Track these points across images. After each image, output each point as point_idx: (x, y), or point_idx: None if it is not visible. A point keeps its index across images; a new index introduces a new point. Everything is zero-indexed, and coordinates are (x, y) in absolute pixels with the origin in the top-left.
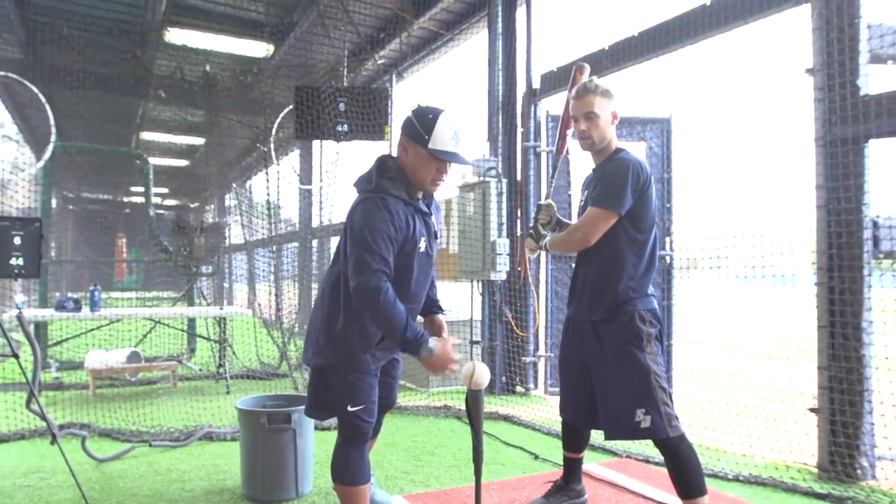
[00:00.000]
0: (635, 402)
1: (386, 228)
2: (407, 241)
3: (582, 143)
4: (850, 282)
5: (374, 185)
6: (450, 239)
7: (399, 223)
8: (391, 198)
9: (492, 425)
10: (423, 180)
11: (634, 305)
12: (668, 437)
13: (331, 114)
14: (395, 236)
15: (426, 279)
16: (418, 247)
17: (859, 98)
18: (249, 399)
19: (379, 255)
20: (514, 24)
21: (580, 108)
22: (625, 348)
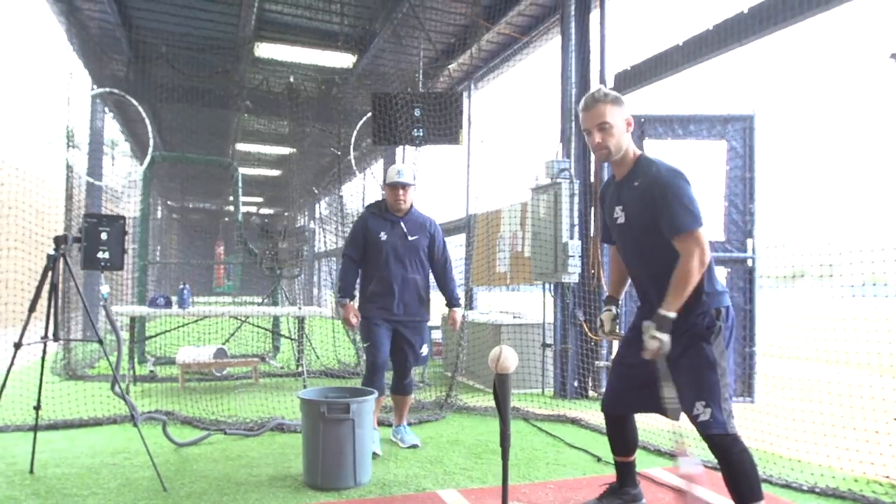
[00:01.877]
0: (697, 394)
1: (353, 230)
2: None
3: (599, 154)
4: None
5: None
6: (525, 242)
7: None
8: (368, 214)
9: (558, 428)
10: (389, 203)
11: (708, 304)
12: (725, 432)
13: (407, 120)
14: (357, 235)
15: (397, 256)
16: (380, 236)
17: None
18: (312, 390)
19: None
20: (588, 26)
21: (592, 119)
22: (693, 342)
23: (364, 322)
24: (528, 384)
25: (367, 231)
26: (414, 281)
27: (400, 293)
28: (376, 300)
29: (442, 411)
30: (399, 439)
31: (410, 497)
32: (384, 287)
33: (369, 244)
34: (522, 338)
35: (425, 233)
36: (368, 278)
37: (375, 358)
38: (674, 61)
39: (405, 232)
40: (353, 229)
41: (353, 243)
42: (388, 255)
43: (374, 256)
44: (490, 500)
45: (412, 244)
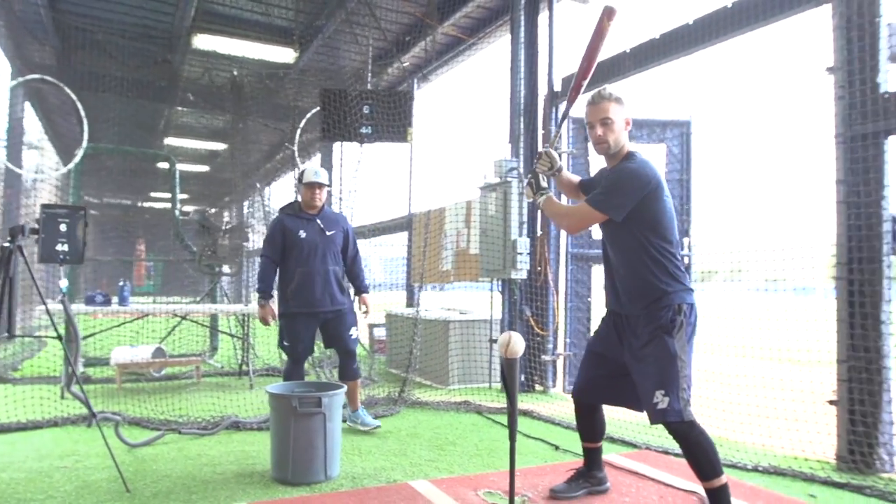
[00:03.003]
0: (657, 384)
1: (270, 231)
2: (291, 234)
3: (598, 147)
4: (870, 274)
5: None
6: (470, 239)
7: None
8: (283, 216)
9: None
10: (306, 201)
11: (673, 299)
12: (681, 420)
13: (356, 116)
14: (275, 236)
15: (317, 251)
16: (299, 234)
17: (879, 95)
18: (278, 385)
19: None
20: (536, 29)
21: (596, 114)
22: (656, 334)
23: (284, 319)
24: (475, 379)
25: (284, 230)
26: (334, 272)
27: (323, 285)
28: (299, 296)
29: (396, 406)
30: (360, 423)
31: (383, 489)
32: (307, 281)
33: (288, 243)
34: (470, 334)
35: (339, 228)
36: (289, 276)
37: (294, 350)
38: (621, 67)
39: (322, 227)
40: (269, 230)
41: (271, 243)
42: (309, 251)
43: (295, 254)
44: (462, 488)
45: (330, 238)
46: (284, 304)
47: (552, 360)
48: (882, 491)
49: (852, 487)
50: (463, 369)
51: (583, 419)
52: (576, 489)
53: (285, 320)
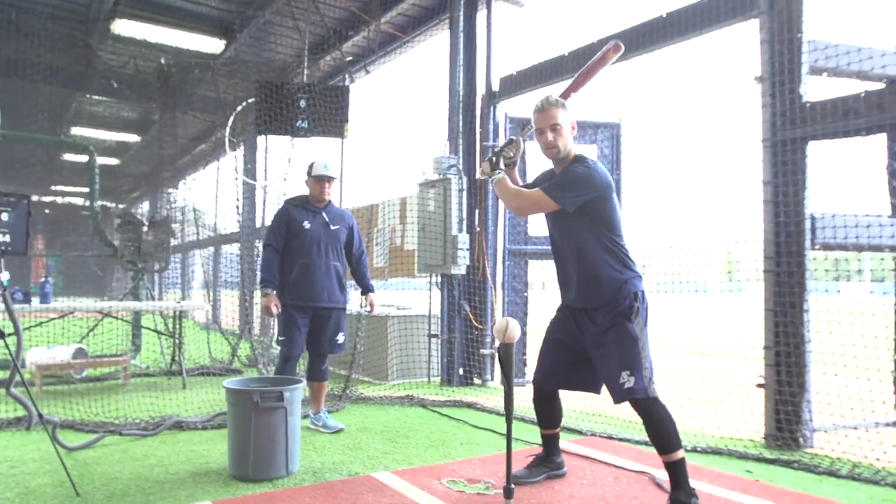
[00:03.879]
0: (622, 366)
1: (274, 221)
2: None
3: (548, 152)
4: (794, 267)
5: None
6: (405, 236)
7: (286, 217)
8: (289, 206)
9: (457, 412)
10: (314, 195)
11: (629, 287)
12: (647, 396)
13: (292, 110)
14: (280, 225)
15: (320, 244)
16: (303, 225)
17: (801, 104)
18: (234, 381)
19: (268, 235)
20: (475, 29)
21: (546, 120)
22: (616, 320)
23: (283, 313)
24: (414, 374)
25: (289, 220)
26: (336, 268)
27: (322, 280)
28: (298, 288)
29: (341, 402)
30: (321, 426)
31: (348, 482)
32: (307, 274)
33: (291, 233)
34: (408, 329)
35: (345, 224)
36: (289, 267)
37: (290, 351)
38: (559, 70)
39: (327, 221)
40: (274, 220)
41: (275, 233)
42: (311, 243)
43: (297, 245)
44: (425, 478)
45: (334, 233)
46: (281, 296)
47: (490, 354)
48: (808, 465)
49: (782, 462)
50: (402, 364)
51: (542, 406)
52: (536, 474)
53: (283, 314)
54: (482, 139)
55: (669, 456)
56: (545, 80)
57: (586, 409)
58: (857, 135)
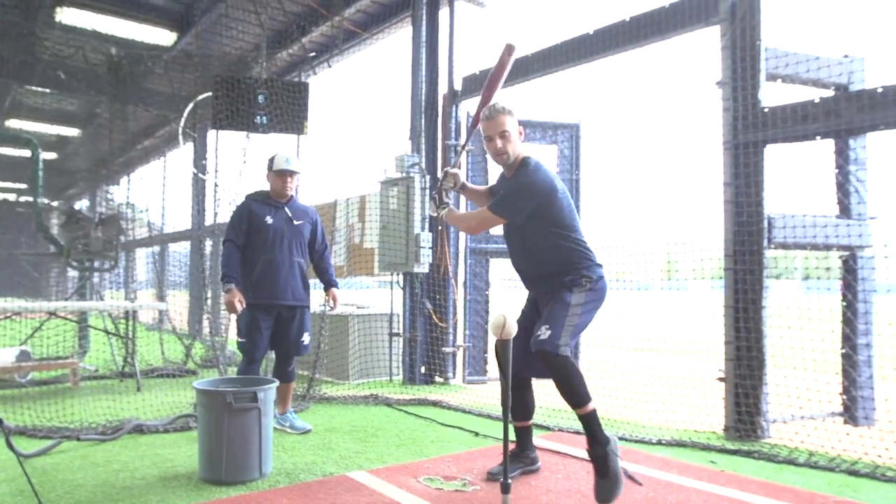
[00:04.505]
0: (544, 322)
1: (234, 217)
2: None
3: (498, 158)
4: (753, 265)
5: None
6: (365, 234)
7: (247, 212)
8: (251, 201)
9: (424, 410)
10: (276, 190)
11: (582, 272)
12: (555, 352)
13: (250, 105)
14: (241, 220)
15: (283, 240)
16: (266, 220)
17: (759, 109)
18: (203, 382)
19: (228, 231)
20: (437, 28)
21: (495, 127)
22: (559, 291)
23: (245, 313)
24: (376, 373)
25: (251, 215)
26: (300, 265)
27: (287, 277)
28: (261, 286)
29: (305, 402)
30: (288, 426)
31: (324, 482)
32: (271, 271)
33: (253, 229)
34: (370, 328)
35: (309, 219)
36: (252, 264)
37: (252, 354)
38: (523, 70)
39: (290, 216)
40: (235, 215)
41: (236, 228)
42: (275, 239)
43: (259, 241)
44: (401, 476)
45: (297, 228)
46: (244, 294)
47: (452, 352)
48: (768, 454)
49: (743, 453)
50: (363, 364)
51: (515, 396)
52: (511, 470)
53: (244, 315)
54: (444, 138)
55: (581, 409)
56: (508, 81)
57: (552, 405)
58: (812, 139)
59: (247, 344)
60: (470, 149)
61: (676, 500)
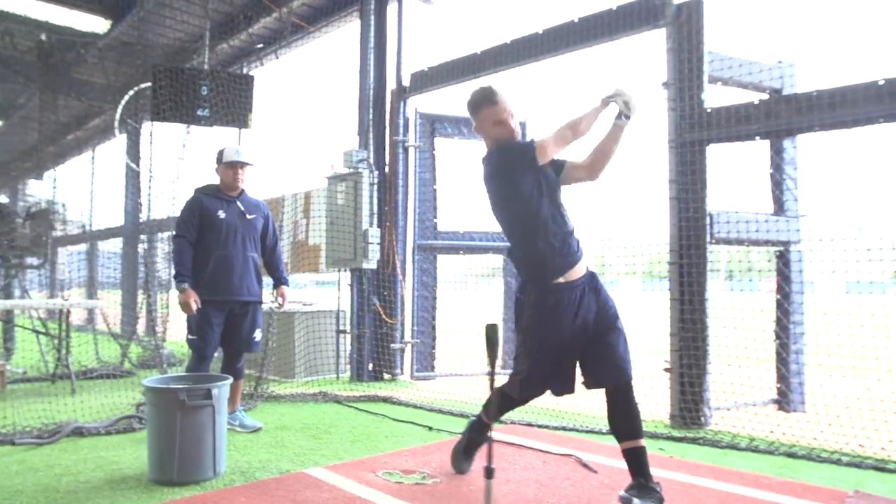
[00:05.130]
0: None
1: (185, 212)
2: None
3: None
4: (697, 259)
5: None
6: (310, 231)
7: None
8: (201, 195)
9: (375, 406)
10: (226, 183)
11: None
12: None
13: (192, 97)
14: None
15: (237, 235)
16: (218, 214)
17: (703, 110)
18: (153, 379)
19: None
20: (386, 23)
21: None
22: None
23: (196, 310)
24: (322, 370)
25: (202, 210)
26: (253, 260)
27: (241, 272)
28: (215, 282)
29: (253, 401)
30: (238, 425)
31: (282, 480)
32: (225, 266)
33: (206, 224)
34: (316, 325)
35: (261, 213)
36: (204, 260)
37: (204, 351)
38: (472, 68)
39: (242, 210)
40: (185, 209)
41: (188, 223)
42: (228, 234)
43: (212, 236)
44: (360, 472)
45: (251, 223)
46: (196, 290)
47: (401, 349)
48: (712, 440)
49: (689, 440)
50: (309, 361)
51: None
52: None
53: (197, 312)
54: (392, 134)
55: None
56: (457, 78)
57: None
58: (752, 139)
59: (198, 341)
60: (418, 145)
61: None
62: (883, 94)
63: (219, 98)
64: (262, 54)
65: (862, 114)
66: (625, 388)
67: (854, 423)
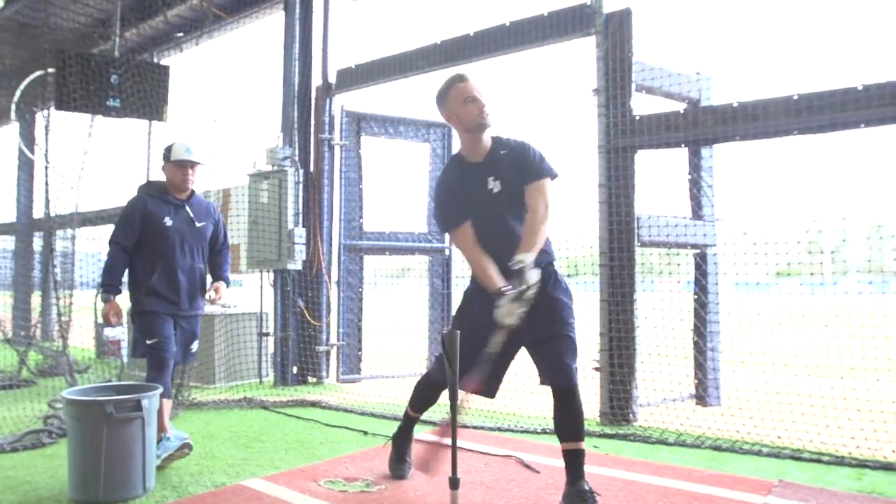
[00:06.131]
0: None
1: (126, 213)
2: (154, 220)
3: (486, 119)
4: (625, 261)
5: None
6: (229, 229)
7: (141, 211)
8: (146, 196)
9: (304, 412)
10: (174, 183)
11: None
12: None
13: (101, 86)
14: (133, 220)
15: (184, 244)
16: (164, 221)
17: (631, 117)
18: (73, 391)
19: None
20: (311, 17)
21: (473, 88)
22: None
23: (146, 316)
24: (243, 375)
25: (146, 215)
26: (200, 271)
27: (187, 285)
28: (160, 294)
29: (173, 409)
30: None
31: (218, 493)
32: (170, 278)
33: (149, 231)
34: (237, 328)
35: (211, 219)
36: (148, 269)
37: (164, 352)
38: (403, 67)
39: (192, 217)
40: (127, 211)
41: (127, 228)
42: (175, 243)
43: (157, 244)
44: (300, 481)
45: (200, 231)
46: (138, 301)
47: (326, 351)
48: (642, 436)
49: (620, 437)
50: (230, 366)
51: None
52: (405, 468)
53: (142, 318)
54: (318, 131)
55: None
56: (386, 76)
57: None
58: (678, 146)
59: (154, 346)
60: (344, 144)
61: None
62: (800, 109)
63: (131, 88)
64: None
65: (780, 125)
66: (567, 390)
67: (765, 416)
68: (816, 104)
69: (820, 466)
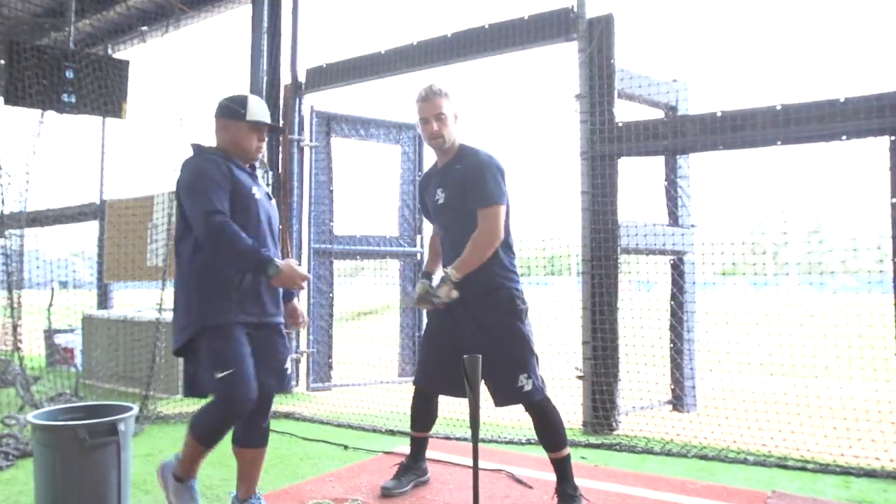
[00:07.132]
0: (518, 369)
1: (214, 175)
2: (237, 187)
3: (433, 142)
4: (608, 269)
5: (196, 154)
6: None
7: (224, 172)
8: (215, 156)
9: (278, 424)
10: (247, 150)
11: (510, 287)
12: (543, 397)
13: (55, 80)
14: (223, 182)
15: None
16: (253, 193)
17: (614, 124)
18: (41, 414)
19: (211, 199)
20: (280, 14)
21: (430, 110)
22: (508, 322)
23: (221, 332)
24: None
25: (234, 181)
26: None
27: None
28: (250, 297)
29: (139, 424)
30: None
31: None
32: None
33: (237, 204)
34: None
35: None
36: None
37: (245, 393)
38: (375, 67)
39: (268, 192)
40: (206, 174)
41: (220, 192)
42: (263, 223)
43: (245, 225)
44: (288, 500)
45: (275, 212)
46: (218, 311)
47: (296, 359)
48: (628, 445)
49: (606, 446)
50: None
51: (420, 406)
52: (405, 483)
53: (218, 338)
54: (286, 132)
55: (560, 453)
56: (358, 77)
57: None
58: (661, 154)
59: (233, 376)
60: (314, 145)
61: None
62: (786, 119)
63: (88, 83)
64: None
65: (765, 136)
66: (532, 406)
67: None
68: (800, 115)
69: (807, 475)
